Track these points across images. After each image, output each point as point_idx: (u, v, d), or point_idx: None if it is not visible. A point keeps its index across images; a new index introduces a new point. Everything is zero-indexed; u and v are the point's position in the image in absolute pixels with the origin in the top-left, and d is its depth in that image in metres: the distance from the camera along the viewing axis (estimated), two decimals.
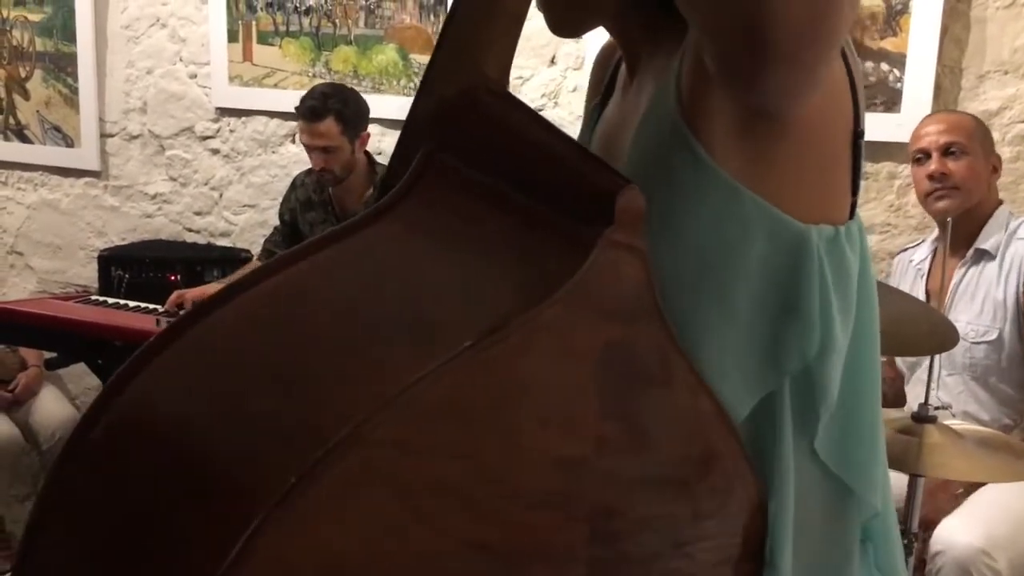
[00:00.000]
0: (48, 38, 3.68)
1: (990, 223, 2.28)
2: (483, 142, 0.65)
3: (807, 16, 0.58)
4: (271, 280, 0.58)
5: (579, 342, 0.57)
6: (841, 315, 0.75)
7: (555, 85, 3.04)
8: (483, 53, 0.67)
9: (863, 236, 0.78)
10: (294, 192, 3.11)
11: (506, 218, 0.61)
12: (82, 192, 3.77)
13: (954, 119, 2.31)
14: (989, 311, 2.23)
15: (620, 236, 0.57)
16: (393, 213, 0.61)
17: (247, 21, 3.36)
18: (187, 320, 0.57)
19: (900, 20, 2.59)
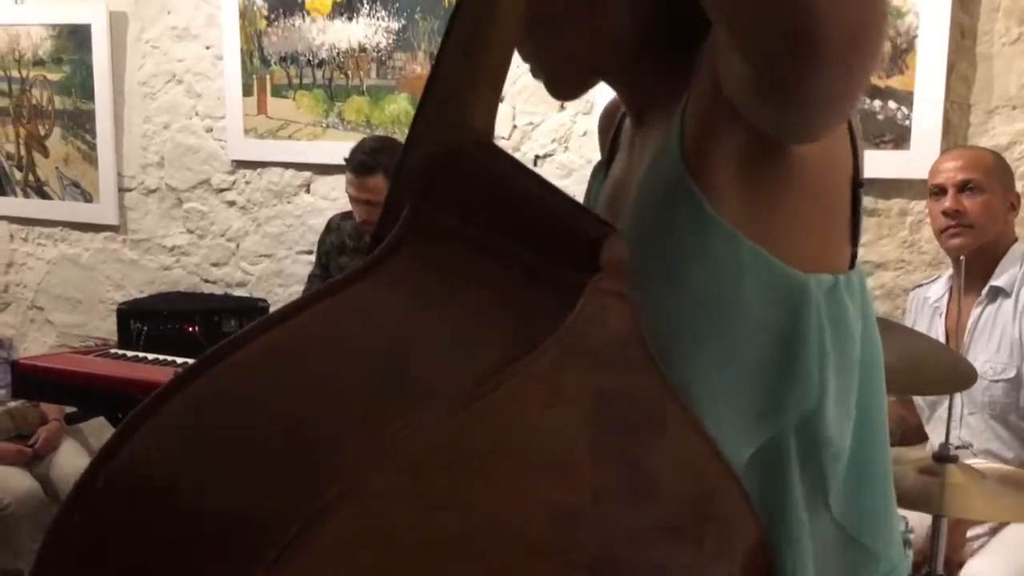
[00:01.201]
0: (67, 96, 3.76)
1: (1005, 260, 2.26)
2: (470, 194, 0.66)
3: (855, 20, 0.57)
4: (265, 336, 0.58)
5: (570, 391, 0.57)
6: (840, 365, 0.74)
7: (565, 130, 3.07)
8: (467, 106, 0.68)
9: (865, 287, 0.78)
10: (328, 235, 3.13)
11: (495, 269, 0.61)
12: (101, 246, 3.81)
13: (972, 155, 2.30)
14: (1006, 349, 2.21)
15: (606, 284, 0.58)
16: (382, 267, 0.62)
17: (261, 75, 3.42)
18: (187, 376, 0.58)
19: (906, 58, 2.61)
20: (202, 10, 3.50)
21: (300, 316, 0.59)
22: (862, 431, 0.77)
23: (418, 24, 3.17)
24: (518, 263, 0.61)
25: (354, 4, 3.25)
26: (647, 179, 0.75)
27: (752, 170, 0.70)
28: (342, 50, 3.29)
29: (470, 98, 0.69)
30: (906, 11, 2.58)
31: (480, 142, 0.68)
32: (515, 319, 0.58)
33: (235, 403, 0.57)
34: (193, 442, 0.56)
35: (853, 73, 0.60)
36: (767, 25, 0.58)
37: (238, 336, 0.58)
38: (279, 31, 3.37)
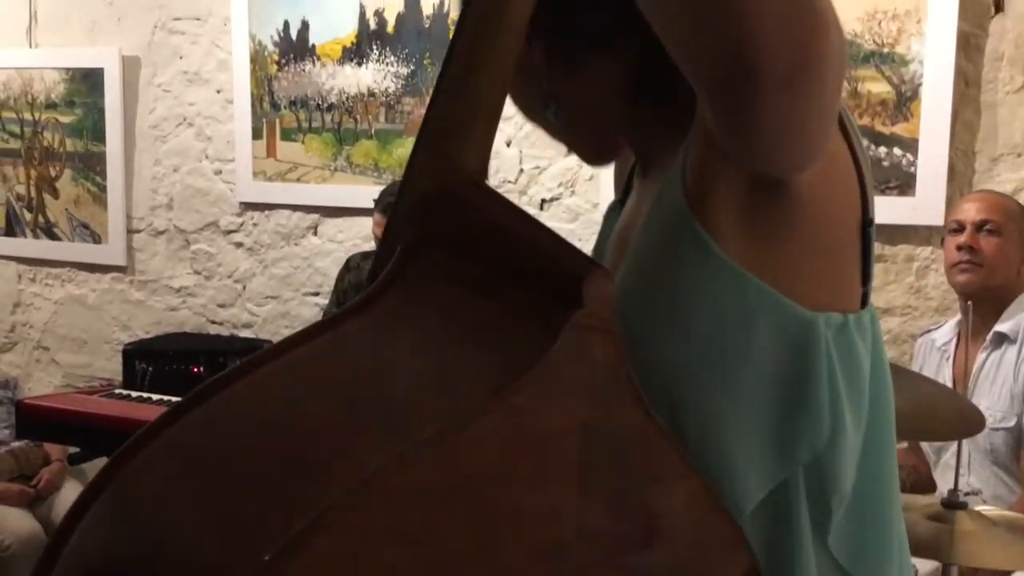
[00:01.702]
0: (78, 138, 3.80)
1: (1011, 307, 2.26)
2: (461, 233, 0.66)
3: (796, 44, 0.57)
4: (256, 372, 0.58)
5: (552, 425, 0.56)
6: (851, 404, 0.73)
7: (571, 174, 3.08)
8: (461, 147, 0.69)
9: (876, 327, 0.77)
10: (348, 274, 3.14)
11: (483, 306, 0.62)
12: (108, 287, 3.83)
13: (996, 199, 2.32)
14: (1007, 397, 2.20)
15: (588, 319, 0.58)
16: (374, 305, 0.62)
17: (271, 119, 3.45)
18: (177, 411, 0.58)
19: (911, 106, 2.62)
20: (214, 55, 3.55)
21: (292, 352, 0.59)
22: (870, 472, 0.76)
23: (427, 69, 3.21)
24: (507, 300, 0.61)
25: (364, 50, 3.29)
26: (651, 220, 0.75)
27: (755, 208, 0.70)
28: (351, 95, 3.33)
29: (463, 139, 0.69)
30: (910, 59, 2.60)
31: (473, 183, 0.69)
32: (500, 354, 0.58)
33: (216, 440, 0.58)
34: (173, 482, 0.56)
35: (804, 98, 0.60)
36: (712, 58, 0.59)
37: (230, 372, 0.58)
38: (289, 76, 3.41)
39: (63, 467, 3.41)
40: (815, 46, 0.58)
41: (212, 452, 0.58)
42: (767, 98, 0.59)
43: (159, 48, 3.63)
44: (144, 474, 0.58)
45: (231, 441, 0.58)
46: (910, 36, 2.59)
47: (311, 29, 3.35)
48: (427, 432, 0.51)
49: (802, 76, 0.59)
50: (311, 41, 3.36)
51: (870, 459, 0.76)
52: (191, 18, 3.57)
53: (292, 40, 3.39)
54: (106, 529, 0.57)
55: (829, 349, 0.72)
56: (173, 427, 0.61)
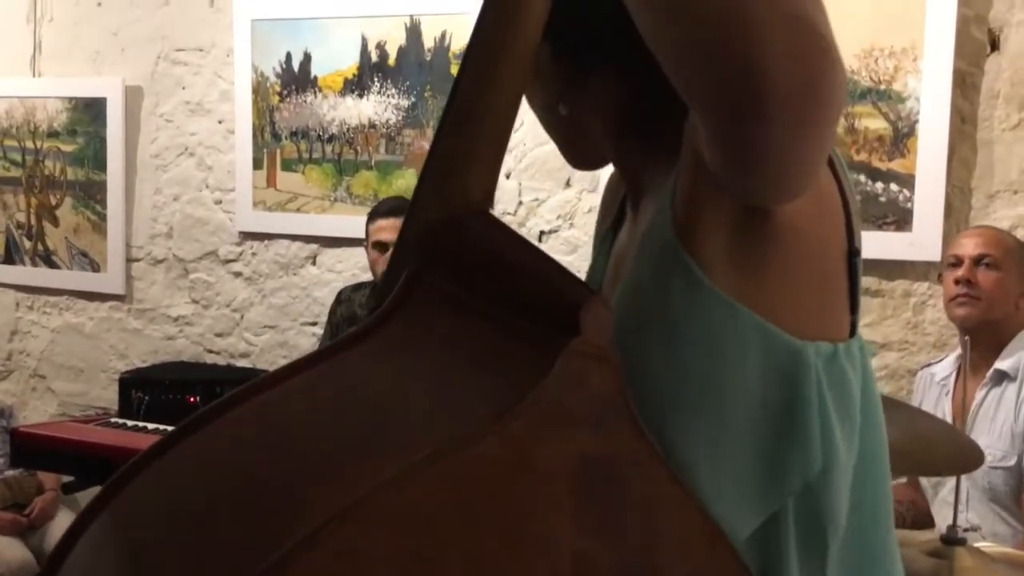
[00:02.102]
0: (79, 167, 3.81)
1: (1011, 344, 2.26)
2: (464, 262, 0.67)
3: (801, 73, 0.57)
4: (253, 400, 0.59)
5: (548, 454, 0.56)
6: (843, 434, 0.74)
7: (571, 207, 3.10)
8: (466, 176, 0.70)
9: (865, 356, 0.78)
10: (339, 306, 3.15)
11: (484, 333, 0.62)
12: (106, 315, 3.83)
13: (994, 234, 2.34)
14: (1007, 435, 2.19)
15: (586, 347, 0.58)
16: (377, 332, 0.63)
17: (272, 149, 3.47)
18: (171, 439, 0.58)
19: (907, 142, 2.64)
20: (216, 86, 3.57)
21: (291, 380, 0.59)
22: (863, 502, 0.76)
23: (427, 102, 3.23)
24: (507, 328, 0.61)
25: (365, 82, 3.31)
26: (641, 251, 0.75)
27: (744, 239, 0.70)
28: (352, 126, 3.35)
29: (469, 169, 0.70)
30: (907, 96, 2.63)
31: (477, 212, 0.69)
32: (499, 381, 0.58)
33: (210, 467, 0.57)
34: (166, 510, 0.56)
35: (808, 129, 0.60)
36: (716, 88, 0.59)
37: (225, 399, 0.58)
38: (291, 107, 3.43)
39: (57, 496, 3.38)
40: (821, 79, 0.58)
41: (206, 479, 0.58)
42: (772, 129, 0.59)
43: (162, 78, 3.65)
44: (136, 503, 0.58)
45: (225, 468, 0.58)
46: (907, 73, 2.61)
47: (313, 61, 3.38)
48: (422, 455, 0.51)
49: (808, 108, 0.59)
50: (313, 73, 3.39)
51: (863, 489, 0.76)
52: (194, 49, 3.60)
53: (294, 72, 3.41)
54: (98, 558, 0.57)
55: (819, 378, 0.72)
56: (167, 455, 0.61)
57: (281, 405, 0.61)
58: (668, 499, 0.63)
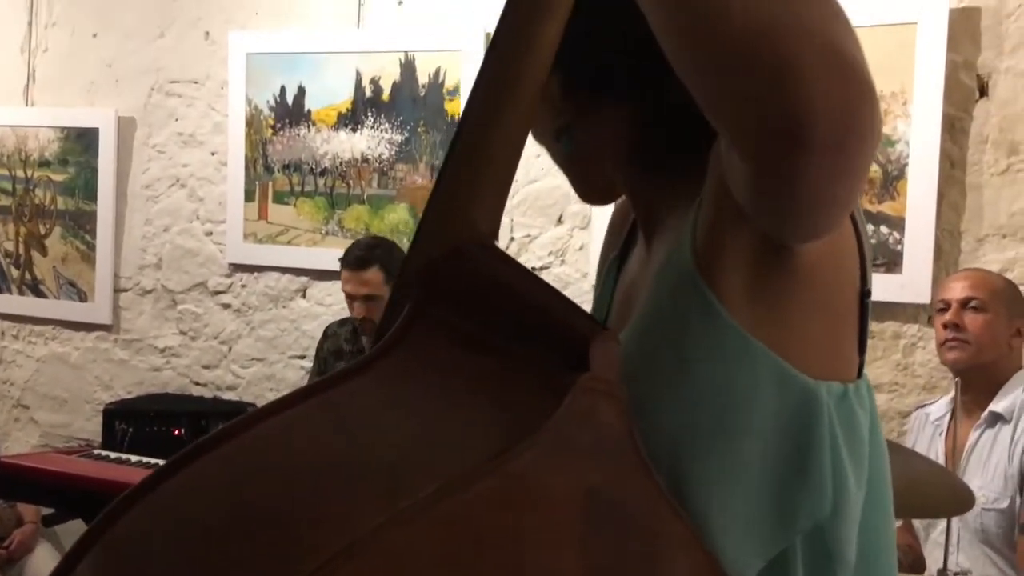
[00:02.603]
0: (70, 197, 3.80)
1: (1007, 386, 2.26)
2: (470, 293, 0.66)
3: (844, 106, 0.57)
4: (255, 429, 0.58)
5: (555, 489, 0.55)
6: (854, 473, 0.73)
7: (562, 243, 3.10)
8: (472, 207, 0.69)
9: (872, 396, 0.77)
10: (326, 342, 3.13)
11: (488, 366, 0.61)
12: (92, 346, 3.80)
13: (981, 276, 2.35)
14: (1000, 477, 2.19)
15: (595, 382, 0.57)
16: (381, 363, 0.62)
17: (264, 181, 3.47)
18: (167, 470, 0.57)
19: (897, 185, 2.66)
20: (210, 118, 3.58)
21: (287, 412, 0.59)
22: (869, 541, 0.75)
23: (421, 137, 3.25)
24: (513, 361, 0.61)
25: (359, 116, 3.33)
26: (659, 282, 0.75)
27: (763, 275, 0.70)
28: (345, 160, 3.36)
29: (475, 200, 0.70)
30: (896, 139, 2.65)
31: (481, 243, 0.69)
32: (505, 416, 0.58)
33: (203, 505, 0.56)
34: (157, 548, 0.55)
35: (849, 160, 0.60)
36: (757, 120, 0.59)
37: (218, 433, 0.57)
38: (284, 140, 3.44)
39: (36, 529, 3.33)
40: (862, 116, 0.58)
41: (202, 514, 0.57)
42: (812, 165, 0.58)
43: (155, 109, 3.66)
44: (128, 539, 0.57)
45: (221, 503, 0.57)
46: (896, 117, 2.64)
47: (307, 95, 3.40)
48: (427, 492, 0.50)
49: (849, 145, 0.58)
50: (307, 106, 3.40)
51: (870, 529, 0.75)
52: (188, 81, 3.61)
53: (288, 105, 3.42)
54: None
55: (831, 417, 0.72)
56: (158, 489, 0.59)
57: (278, 439, 0.60)
58: (673, 538, 0.62)
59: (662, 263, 0.75)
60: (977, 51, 2.60)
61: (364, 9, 3.32)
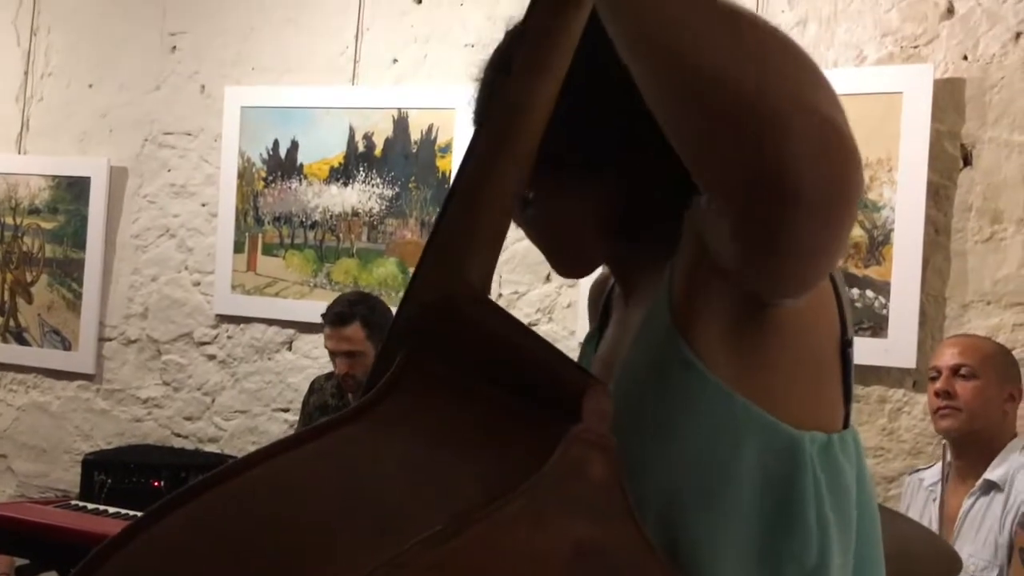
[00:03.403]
0: (58, 244, 3.80)
1: (1002, 453, 2.25)
2: (462, 344, 0.67)
3: (830, 169, 0.58)
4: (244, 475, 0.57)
5: (544, 541, 0.55)
6: (839, 524, 0.73)
7: (550, 301, 3.11)
8: (466, 260, 0.70)
9: (859, 446, 0.78)
10: (311, 396, 3.11)
11: (480, 416, 0.61)
12: (74, 395, 3.76)
13: (971, 343, 2.35)
14: (991, 545, 2.17)
15: (587, 434, 0.57)
16: (373, 411, 0.62)
17: (254, 233, 3.48)
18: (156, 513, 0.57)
19: (883, 250, 2.69)
20: (202, 169, 3.60)
21: (279, 458, 0.58)
22: None
23: (411, 192, 3.27)
24: (505, 412, 0.61)
25: (351, 171, 3.35)
26: (638, 343, 0.75)
27: (741, 330, 0.71)
28: (335, 213, 3.37)
29: (470, 251, 0.70)
30: (882, 205, 2.69)
31: (473, 295, 0.70)
32: (496, 465, 0.58)
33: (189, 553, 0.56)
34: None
35: (833, 225, 0.61)
36: (744, 186, 0.60)
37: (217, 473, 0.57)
38: (275, 192, 3.46)
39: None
40: (848, 175, 0.60)
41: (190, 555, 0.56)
42: (800, 225, 0.60)
43: (148, 160, 3.68)
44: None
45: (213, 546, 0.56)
46: (882, 184, 2.68)
47: (300, 149, 3.42)
48: (417, 539, 0.50)
49: (835, 207, 0.60)
50: (299, 160, 3.43)
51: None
52: (182, 133, 3.63)
53: (281, 158, 3.45)
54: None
55: (815, 468, 0.72)
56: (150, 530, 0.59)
57: (269, 484, 0.59)
58: None
59: (641, 322, 0.76)
60: (961, 121, 2.66)
61: (359, 66, 3.37)
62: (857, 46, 2.75)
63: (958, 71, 2.66)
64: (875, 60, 2.73)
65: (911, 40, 2.71)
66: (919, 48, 2.70)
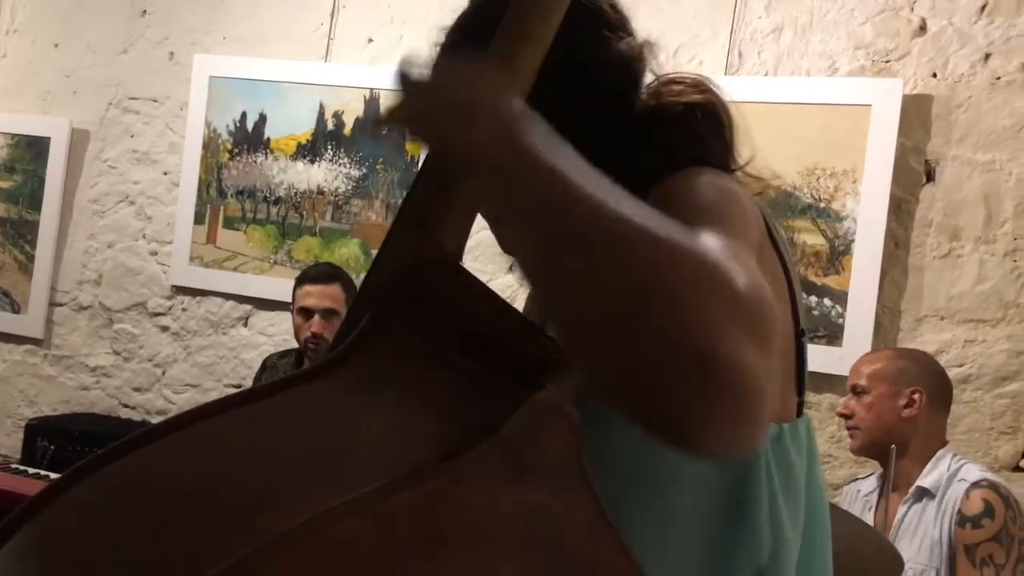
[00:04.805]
0: (13, 204, 3.72)
1: (932, 462, 2.30)
2: (428, 308, 0.66)
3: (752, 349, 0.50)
4: (205, 423, 0.56)
5: (500, 501, 0.55)
6: (790, 516, 0.74)
7: (512, 291, 3.10)
8: (439, 226, 0.69)
9: (811, 435, 0.78)
10: (264, 373, 3.07)
11: (443, 379, 0.61)
12: (20, 359, 3.69)
13: (865, 360, 2.41)
14: (927, 550, 2.23)
15: (547, 401, 0.57)
16: (332, 372, 0.61)
17: (216, 206, 3.43)
18: (112, 453, 0.56)
19: (843, 260, 2.72)
20: (166, 137, 3.54)
21: (242, 408, 0.57)
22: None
23: (379, 174, 3.24)
24: (467, 376, 0.61)
25: (318, 148, 3.32)
26: None
27: None
28: (300, 190, 3.34)
29: (443, 220, 0.69)
30: (844, 216, 2.72)
31: (443, 261, 0.69)
32: (456, 426, 0.57)
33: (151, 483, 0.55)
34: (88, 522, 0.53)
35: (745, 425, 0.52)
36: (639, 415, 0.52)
37: (166, 423, 0.56)
38: (240, 165, 3.41)
39: None
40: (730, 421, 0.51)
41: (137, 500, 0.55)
42: (710, 438, 0.52)
43: (111, 124, 3.61)
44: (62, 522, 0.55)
45: (158, 490, 0.55)
46: (846, 194, 2.71)
47: (268, 122, 3.38)
48: (372, 487, 0.49)
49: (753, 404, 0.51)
50: (267, 134, 3.38)
51: (807, 569, 0.75)
52: (148, 99, 3.57)
53: (248, 131, 3.41)
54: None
55: (768, 460, 0.72)
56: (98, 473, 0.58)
57: (225, 432, 0.59)
58: (615, 569, 0.62)
59: None
60: (927, 137, 2.69)
61: (333, 44, 3.33)
62: (830, 56, 2.78)
63: (927, 88, 2.70)
64: (847, 72, 2.76)
65: (883, 55, 2.75)
66: (890, 63, 2.74)
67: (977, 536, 2.15)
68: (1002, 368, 2.62)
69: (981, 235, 2.65)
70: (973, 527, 2.16)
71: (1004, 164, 2.63)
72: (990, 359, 2.63)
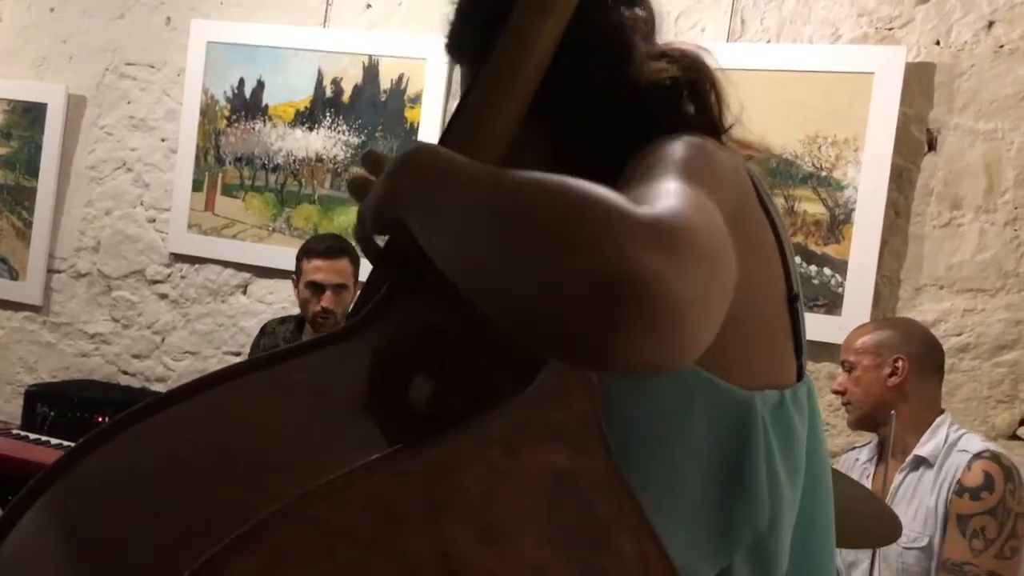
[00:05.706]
0: (10, 171, 3.70)
1: (929, 431, 2.31)
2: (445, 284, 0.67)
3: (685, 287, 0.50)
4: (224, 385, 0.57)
5: (525, 463, 0.56)
6: (789, 482, 0.74)
7: None
8: None
9: (813, 398, 0.79)
10: (263, 338, 3.07)
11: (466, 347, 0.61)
12: (19, 326, 3.69)
13: (853, 335, 2.42)
14: (922, 517, 2.24)
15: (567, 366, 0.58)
16: (356, 336, 0.62)
17: (214, 173, 3.42)
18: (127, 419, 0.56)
19: (843, 228, 2.72)
20: (163, 104, 3.52)
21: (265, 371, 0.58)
22: (807, 545, 0.76)
23: (378, 141, 3.23)
24: (485, 343, 0.61)
25: (317, 115, 3.30)
26: None
27: None
28: (299, 158, 3.32)
29: None
30: (846, 184, 2.72)
31: None
32: (479, 389, 0.58)
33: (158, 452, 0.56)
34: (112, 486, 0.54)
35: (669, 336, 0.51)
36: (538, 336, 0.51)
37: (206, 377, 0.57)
38: (238, 132, 3.39)
39: None
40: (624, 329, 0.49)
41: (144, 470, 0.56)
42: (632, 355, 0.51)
43: (108, 90, 3.59)
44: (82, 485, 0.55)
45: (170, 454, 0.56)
46: (847, 163, 2.71)
47: (266, 89, 3.36)
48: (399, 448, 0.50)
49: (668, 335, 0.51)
50: (265, 101, 3.36)
51: (809, 531, 0.76)
52: (145, 64, 3.55)
53: (245, 98, 3.38)
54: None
55: (767, 428, 0.73)
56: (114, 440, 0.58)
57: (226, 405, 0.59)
58: (629, 527, 0.62)
59: None
60: (929, 106, 2.68)
61: (332, 9, 3.31)
62: (833, 24, 2.76)
63: (930, 56, 2.68)
64: (849, 39, 2.74)
65: (886, 22, 2.73)
66: (893, 30, 2.72)
67: (973, 508, 2.17)
68: (1000, 337, 2.63)
69: (982, 204, 2.65)
70: (971, 498, 2.17)
71: (1006, 133, 2.63)
72: (989, 328, 2.64)
